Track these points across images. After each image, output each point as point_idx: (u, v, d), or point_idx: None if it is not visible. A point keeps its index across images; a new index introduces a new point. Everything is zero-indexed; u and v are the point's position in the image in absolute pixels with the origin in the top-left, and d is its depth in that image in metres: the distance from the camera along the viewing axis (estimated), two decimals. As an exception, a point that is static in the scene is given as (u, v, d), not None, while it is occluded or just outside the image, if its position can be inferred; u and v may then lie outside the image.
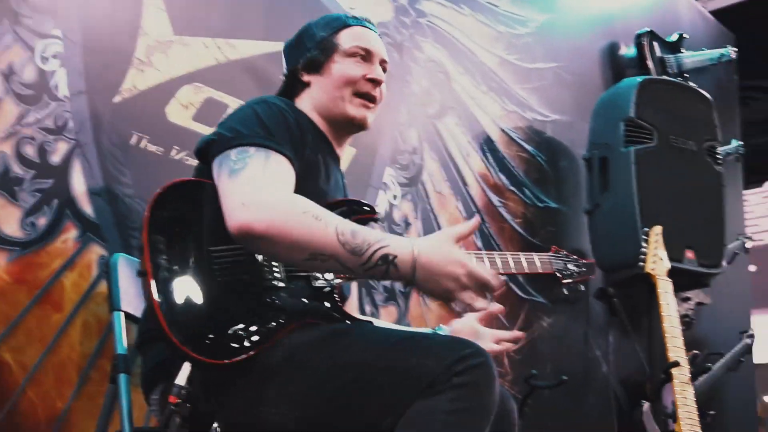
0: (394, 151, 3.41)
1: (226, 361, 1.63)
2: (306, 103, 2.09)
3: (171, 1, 2.69)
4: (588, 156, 4.13)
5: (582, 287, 2.43)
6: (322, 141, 2.04)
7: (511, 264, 2.14)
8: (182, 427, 1.63)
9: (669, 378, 3.14)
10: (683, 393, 3.08)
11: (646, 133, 3.97)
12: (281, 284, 1.78)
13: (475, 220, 1.76)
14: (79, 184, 2.36)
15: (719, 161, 4.18)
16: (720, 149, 4.28)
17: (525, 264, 2.19)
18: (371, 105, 2.08)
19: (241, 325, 1.67)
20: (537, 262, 2.25)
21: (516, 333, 2.27)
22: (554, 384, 3.39)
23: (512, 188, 3.96)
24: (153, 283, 1.64)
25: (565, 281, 2.36)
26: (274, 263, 1.79)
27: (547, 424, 3.54)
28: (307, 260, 1.62)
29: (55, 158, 2.33)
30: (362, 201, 1.98)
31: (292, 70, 2.13)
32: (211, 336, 1.64)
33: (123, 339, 2.05)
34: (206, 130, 2.68)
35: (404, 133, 3.48)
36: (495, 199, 3.84)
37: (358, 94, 2.06)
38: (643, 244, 3.46)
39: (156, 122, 2.59)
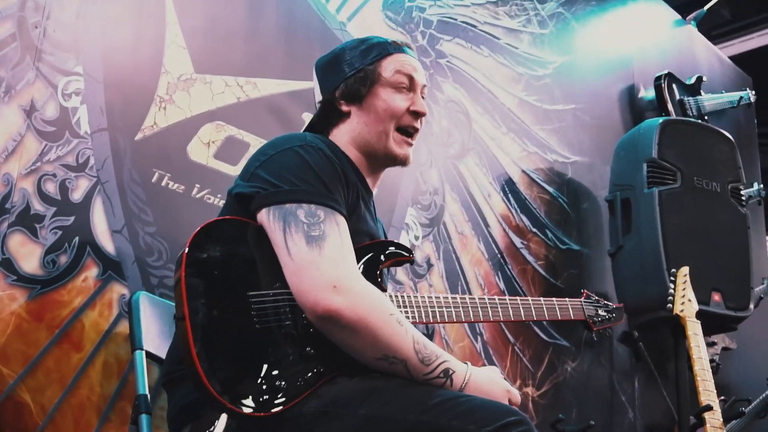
0: (416, 191, 3.37)
1: (264, 414, 1.56)
2: (343, 135, 2.00)
3: (192, 40, 2.68)
4: (610, 197, 4.08)
5: (609, 332, 2.44)
6: (359, 179, 1.95)
7: (545, 311, 2.19)
8: None
9: (701, 423, 3.04)
10: (716, 438, 2.98)
11: (669, 174, 3.92)
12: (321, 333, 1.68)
13: None
14: (100, 221, 2.33)
15: (743, 203, 4.11)
16: (743, 191, 4.22)
17: (558, 312, 2.23)
18: (413, 141, 2.02)
19: (280, 375, 1.60)
20: (570, 309, 2.28)
21: None
22: (581, 429, 3.31)
23: (534, 230, 3.91)
24: (190, 330, 1.55)
25: (596, 328, 2.37)
26: None
27: (574, 472, 3.43)
28: (378, 360, 1.64)
29: (77, 195, 2.30)
30: (400, 243, 1.95)
31: (330, 99, 2.02)
32: (249, 387, 1.56)
33: (145, 379, 1.99)
34: (227, 168, 2.66)
35: (425, 173, 3.44)
36: (517, 240, 3.79)
37: (401, 129, 1.98)
38: (671, 286, 3.39)
39: (178, 160, 2.56)
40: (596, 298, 2.42)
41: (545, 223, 3.98)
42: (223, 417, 1.56)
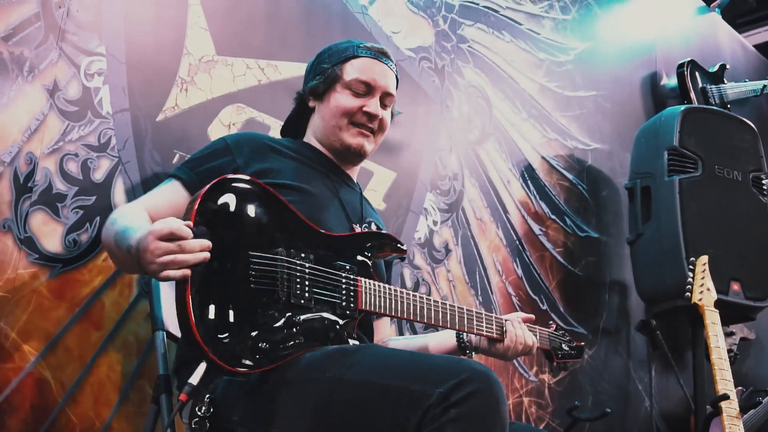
0: (435, 176, 3.37)
1: (241, 370, 1.61)
2: (311, 129, 2.27)
3: (214, 22, 2.69)
4: (630, 185, 4.06)
5: (569, 365, 2.51)
6: (326, 164, 2.24)
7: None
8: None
9: (718, 412, 3.04)
10: (733, 428, 2.97)
11: (690, 163, 3.90)
12: (309, 305, 1.75)
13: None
14: (121, 201, 2.34)
15: (765, 192, 4.08)
16: (765, 180, 4.19)
17: (537, 337, 2.30)
18: (368, 134, 2.21)
19: (265, 338, 1.65)
20: (541, 336, 2.33)
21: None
22: (597, 416, 3.30)
23: (553, 216, 3.90)
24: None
25: (558, 360, 2.42)
26: (306, 281, 1.77)
27: (589, 459, 3.44)
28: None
29: (98, 175, 2.31)
30: (395, 237, 2.06)
31: (301, 94, 2.30)
32: (232, 342, 1.61)
33: (165, 359, 2.01)
34: (248, 151, 2.65)
35: (444, 158, 3.43)
36: (536, 227, 3.78)
37: (354, 124, 2.20)
38: (690, 275, 3.38)
39: (198, 141, 2.56)
40: (563, 332, 2.49)
41: (564, 210, 3.97)
42: (202, 366, 1.59)
